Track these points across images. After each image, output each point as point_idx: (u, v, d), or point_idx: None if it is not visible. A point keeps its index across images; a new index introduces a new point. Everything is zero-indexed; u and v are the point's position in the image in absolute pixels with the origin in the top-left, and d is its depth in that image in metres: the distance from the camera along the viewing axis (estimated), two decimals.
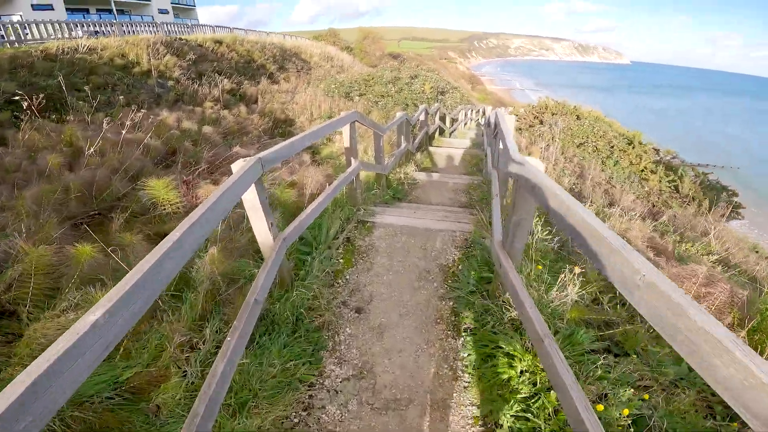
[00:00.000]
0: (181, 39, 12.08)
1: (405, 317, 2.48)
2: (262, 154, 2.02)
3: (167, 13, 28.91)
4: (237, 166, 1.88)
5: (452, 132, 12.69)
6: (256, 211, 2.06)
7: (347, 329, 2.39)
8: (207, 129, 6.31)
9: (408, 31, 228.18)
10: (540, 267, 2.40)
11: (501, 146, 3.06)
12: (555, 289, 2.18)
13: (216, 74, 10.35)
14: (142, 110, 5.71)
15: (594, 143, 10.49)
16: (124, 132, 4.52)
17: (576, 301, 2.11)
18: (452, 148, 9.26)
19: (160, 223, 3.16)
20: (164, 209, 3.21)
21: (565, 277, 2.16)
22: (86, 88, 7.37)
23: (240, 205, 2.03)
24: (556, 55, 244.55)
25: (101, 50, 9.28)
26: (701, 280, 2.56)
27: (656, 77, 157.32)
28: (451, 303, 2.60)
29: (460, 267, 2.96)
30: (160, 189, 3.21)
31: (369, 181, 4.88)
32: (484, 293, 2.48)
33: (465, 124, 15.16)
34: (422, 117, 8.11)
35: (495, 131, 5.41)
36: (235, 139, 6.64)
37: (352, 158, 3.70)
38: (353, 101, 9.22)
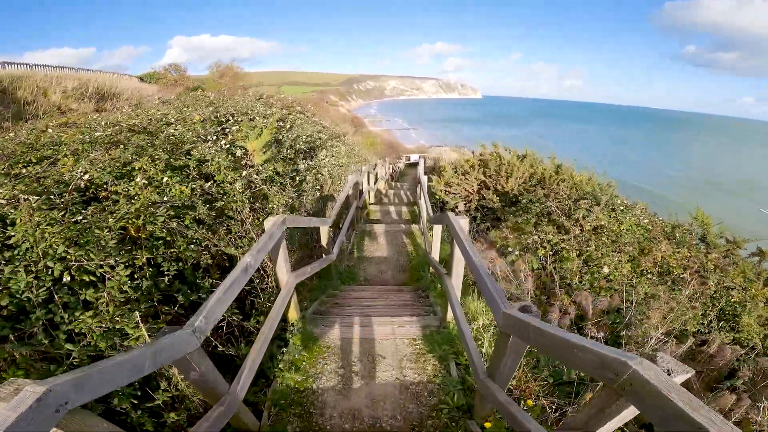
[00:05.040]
0: None
1: None
2: None
3: None
4: None
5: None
6: None
7: None
8: None
9: (289, 75, 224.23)
10: None
11: None
12: None
13: None
14: None
15: (655, 260, 4.61)
16: None
17: None
18: None
19: None
20: None
21: None
22: None
23: None
24: (425, 94, 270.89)
25: None
26: None
27: (501, 109, 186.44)
28: None
29: None
30: None
31: None
32: None
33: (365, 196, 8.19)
34: None
35: None
36: None
37: None
38: None
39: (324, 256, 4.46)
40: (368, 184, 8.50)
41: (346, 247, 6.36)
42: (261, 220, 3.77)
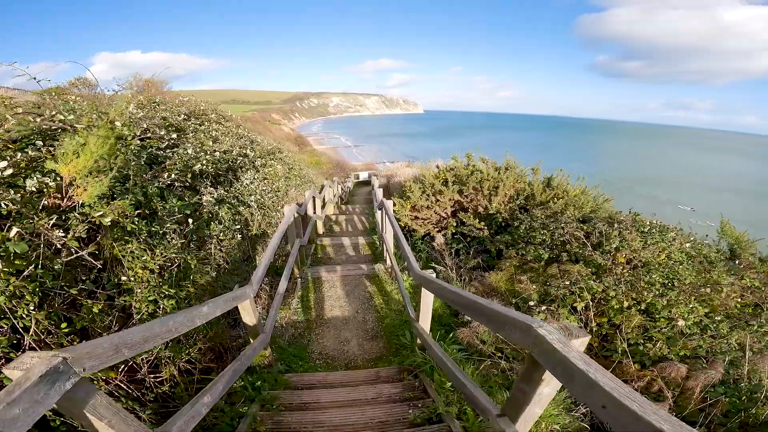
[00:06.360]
0: None
1: None
2: None
3: None
4: None
5: None
6: None
7: None
8: None
9: (229, 94, 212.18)
10: None
11: None
12: None
13: None
14: None
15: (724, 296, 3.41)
16: None
17: None
18: None
19: None
20: None
21: None
22: None
23: None
24: (369, 110, 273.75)
25: None
26: None
27: (442, 122, 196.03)
28: None
29: None
30: None
31: None
32: None
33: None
34: None
35: None
36: None
37: None
38: None
39: (245, 344, 2.55)
40: (314, 211, 6.69)
41: (289, 304, 4.48)
42: (91, 313, 1.85)
